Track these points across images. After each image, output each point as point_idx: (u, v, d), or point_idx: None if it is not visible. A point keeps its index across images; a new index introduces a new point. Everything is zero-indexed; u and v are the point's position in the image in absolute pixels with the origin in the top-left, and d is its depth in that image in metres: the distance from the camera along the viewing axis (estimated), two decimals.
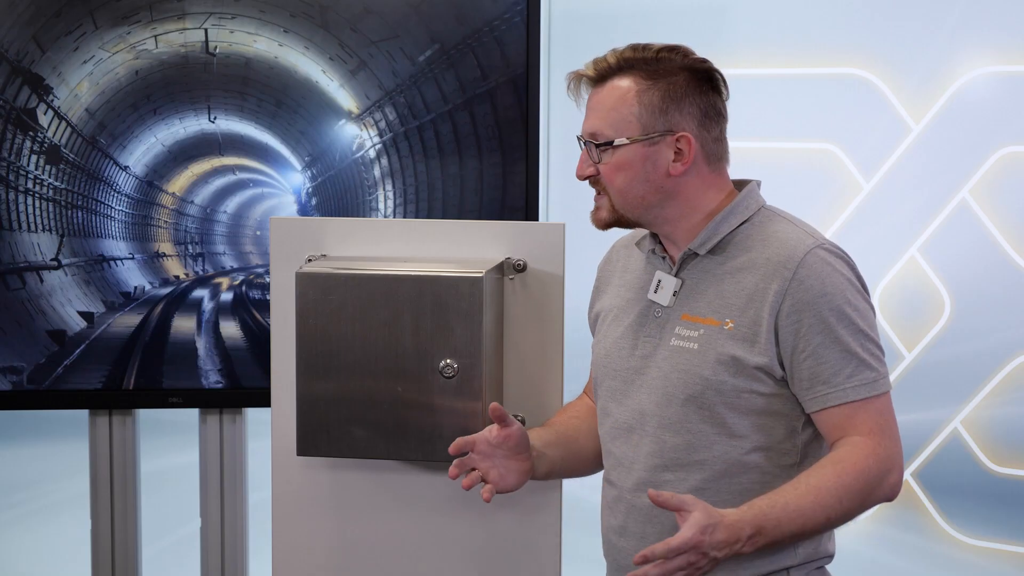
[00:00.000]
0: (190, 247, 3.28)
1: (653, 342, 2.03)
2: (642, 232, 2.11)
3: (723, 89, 2.04)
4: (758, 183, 2.08)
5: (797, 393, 1.96)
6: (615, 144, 1.99)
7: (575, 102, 2.08)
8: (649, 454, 2.02)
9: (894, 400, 1.99)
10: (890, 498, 1.96)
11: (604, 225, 2.04)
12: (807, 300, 1.93)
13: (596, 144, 2.01)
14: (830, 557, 2.07)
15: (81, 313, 3.23)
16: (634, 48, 2.01)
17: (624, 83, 2.00)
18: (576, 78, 2.04)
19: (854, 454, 1.91)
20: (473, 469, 2.07)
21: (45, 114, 3.16)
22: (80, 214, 3.21)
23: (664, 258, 2.07)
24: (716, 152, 2.03)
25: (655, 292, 2.05)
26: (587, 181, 2.05)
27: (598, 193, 2.04)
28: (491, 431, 2.06)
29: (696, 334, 1.99)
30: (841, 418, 1.94)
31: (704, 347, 1.97)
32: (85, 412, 3.34)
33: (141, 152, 3.22)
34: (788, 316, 1.94)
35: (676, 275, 2.04)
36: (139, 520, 3.40)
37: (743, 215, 2.02)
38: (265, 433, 2.39)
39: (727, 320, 1.97)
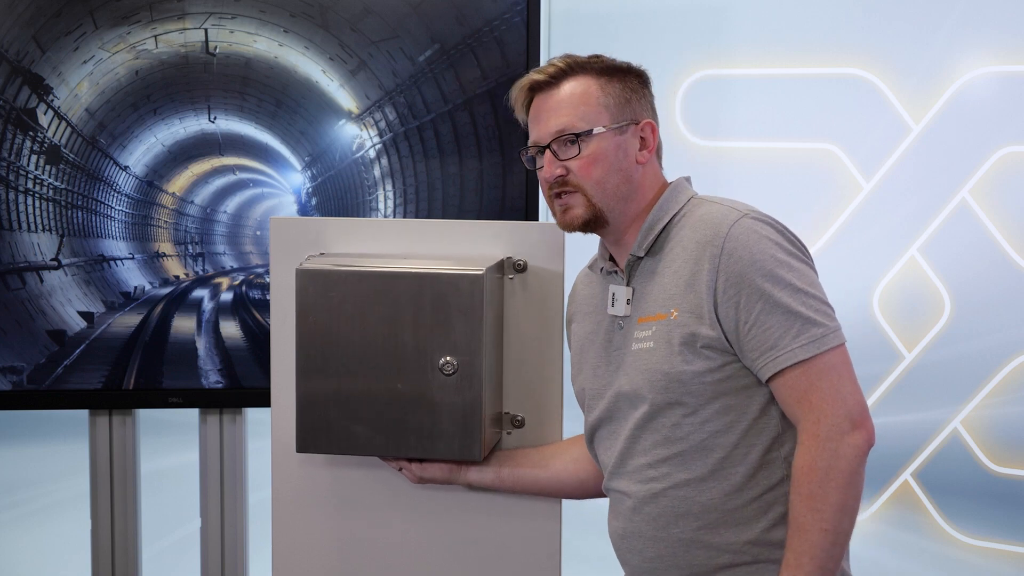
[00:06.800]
0: (190, 247, 3.28)
1: (620, 353, 2.07)
2: (595, 256, 2.18)
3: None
4: (687, 178, 2.13)
5: (750, 366, 1.97)
6: (594, 132, 2.03)
7: (520, 116, 2.12)
8: (640, 452, 2.05)
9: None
10: (860, 453, 1.91)
11: (581, 223, 2.07)
12: (739, 271, 1.95)
13: (574, 136, 2.03)
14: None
15: (81, 313, 3.23)
16: (567, 56, 2.09)
17: (583, 81, 2.06)
18: (528, 86, 2.08)
19: (801, 462, 1.91)
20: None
21: (45, 114, 3.16)
22: (80, 214, 3.21)
23: (615, 272, 2.11)
24: (659, 146, 2.12)
25: (612, 306, 2.10)
26: (549, 187, 2.06)
27: (564, 195, 2.06)
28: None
29: (650, 332, 2.02)
30: (794, 380, 1.93)
31: (659, 343, 2.01)
32: (85, 412, 3.34)
33: (141, 152, 3.22)
34: (725, 292, 1.96)
35: (628, 284, 2.08)
36: (139, 520, 3.40)
37: (672, 209, 2.06)
38: (265, 433, 2.39)
39: (672, 310, 2.00)
